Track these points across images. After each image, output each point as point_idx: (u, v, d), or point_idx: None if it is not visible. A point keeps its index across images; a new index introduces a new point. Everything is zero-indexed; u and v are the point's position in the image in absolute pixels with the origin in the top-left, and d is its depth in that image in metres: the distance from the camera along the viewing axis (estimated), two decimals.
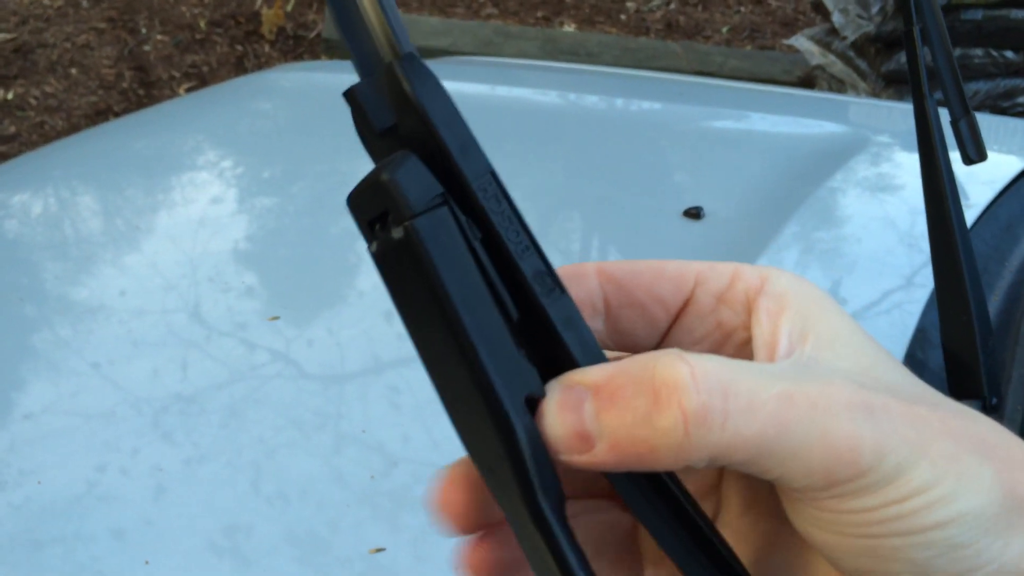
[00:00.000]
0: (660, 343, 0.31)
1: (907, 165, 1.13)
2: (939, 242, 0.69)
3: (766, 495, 0.30)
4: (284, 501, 0.71)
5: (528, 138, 1.23)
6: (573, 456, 0.25)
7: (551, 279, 0.26)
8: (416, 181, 0.24)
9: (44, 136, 3.27)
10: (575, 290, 0.28)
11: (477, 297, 0.24)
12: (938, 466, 0.25)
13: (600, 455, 0.25)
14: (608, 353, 0.28)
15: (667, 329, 0.31)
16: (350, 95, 0.26)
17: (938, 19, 0.68)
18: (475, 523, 0.28)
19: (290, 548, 0.67)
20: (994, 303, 0.88)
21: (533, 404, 0.25)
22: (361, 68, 0.26)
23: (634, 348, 0.31)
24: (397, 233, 0.24)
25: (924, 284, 0.86)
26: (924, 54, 0.71)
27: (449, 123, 0.25)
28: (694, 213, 1.00)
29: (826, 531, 0.27)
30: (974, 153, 0.71)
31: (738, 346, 0.30)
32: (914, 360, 0.76)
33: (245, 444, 0.76)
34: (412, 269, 0.24)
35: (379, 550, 0.67)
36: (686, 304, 0.30)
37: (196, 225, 1.11)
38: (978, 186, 1.03)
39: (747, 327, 0.30)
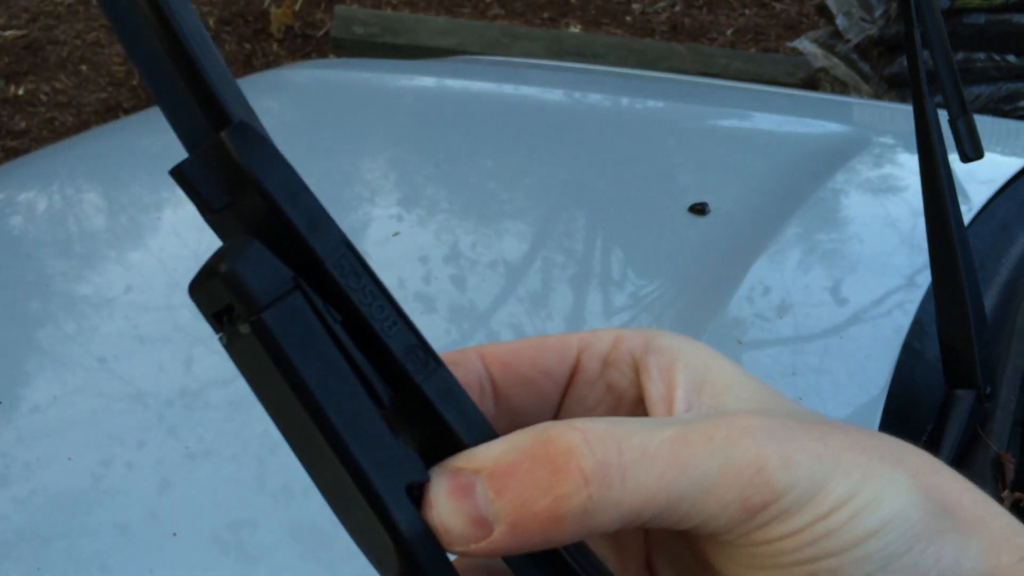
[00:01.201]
0: (554, 417, 0.30)
1: (908, 166, 1.15)
2: (936, 236, 0.71)
3: (696, 558, 0.29)
4: (288, 496, 0.71)
5: (534, 137, 1.25)
6: (469, 545, 0.24)
7: (423, 352, 0.24)
8: (260, 270, 0.22)
9: (54, 132, 3.30)
10: (460, 375, 0.27)
11: (341, 386, 0.23)
12: (852, 476, 0.25)
13: (500, 539, 0.24)
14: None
15: (559, 402, 0.30)
16: (177, 173, 0.23)
17: (938, 22, 0.70)
18: None
19: (294, 543, 0.67)
20: (990, 299, 0.89)
21: (417, 491, 0.24)
22: (187, 143, 0.24)
23: (527, 426, 0.28)
24: (244, 329, 0.22)
25: (924, 284, 0.87)
26: (924, 56, 0.73)
27: (292, 197, 0.23)
28: (699, 209, 1.02)
29: (763, 569, 0.25)
30: (971, 151, 0.74)
31: (631, 406, 0.30)
32: (911, 350, 0.78)
33: (249, 439, 0.75)
34: (266, 363, 0.22)
35: None
36: (573, 373, 0.30)
37: (202, 221, 1.11)
38: (976, 186, 1.05)
39: (637, 385, 0.29)
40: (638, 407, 0.30)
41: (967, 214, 0.98)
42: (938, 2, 0.71)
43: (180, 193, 1.17)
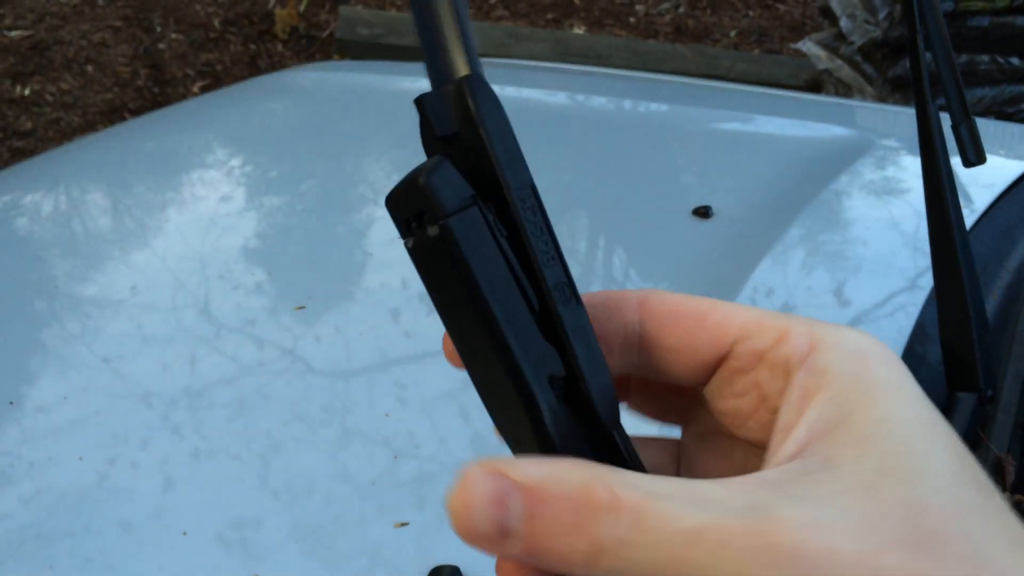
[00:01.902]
0: (702, 385, 0.30)
1: (912, 168, 1.15)
2: (938, 241, 0.71)
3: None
4: (291, 495, 0.71)
5: (538, 138, 1.25)
6: (483, 544, 0.24)
7: (569, 289, 0.28)
8: (449, 184, 0.26)
9: (60, 132, 3.31)
10: (612, 320, 0.29)
11: (504, 288, 0.27)
12: None
13: (511, 550, 0.24)
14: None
15: (706, 378, 0.29)
16: (420, 102, 0.29)
17: (940, 26, 0.71)
18: None
19: (297, 542, 0.67)
20: (993, 302, 0.90)
21: (558, 382, 0.27)
22: (433, 80, 0.29)
23: (669, 382, 0.30)
24: (432, 231, 0.26)
25: (927, 287, 0.88)
26: (927, 60, 0.73)
27: (502, 139, 0.28)
28: (703, 212, 1.03)
29: None
30: (974, 156, 0.74)
31: (772, 413, 0.28)
32: (913, 354, 0.78)
33: (253, 438, 0.76)
34: (446, 263, 0.26)
35: (404, 524, 0.68)
36: (723, 358, 0.29)
37: (207, 223, 1.11)
38: (978, 189, 1.05)
39: (782, 396, 0.27)
40: (776, 416, 0.27)
41: (969, 217, 0.98)
42: (940, 6, 0.71)
43: (185, 194, 1.18)
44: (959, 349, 0.71)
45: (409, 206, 0.27)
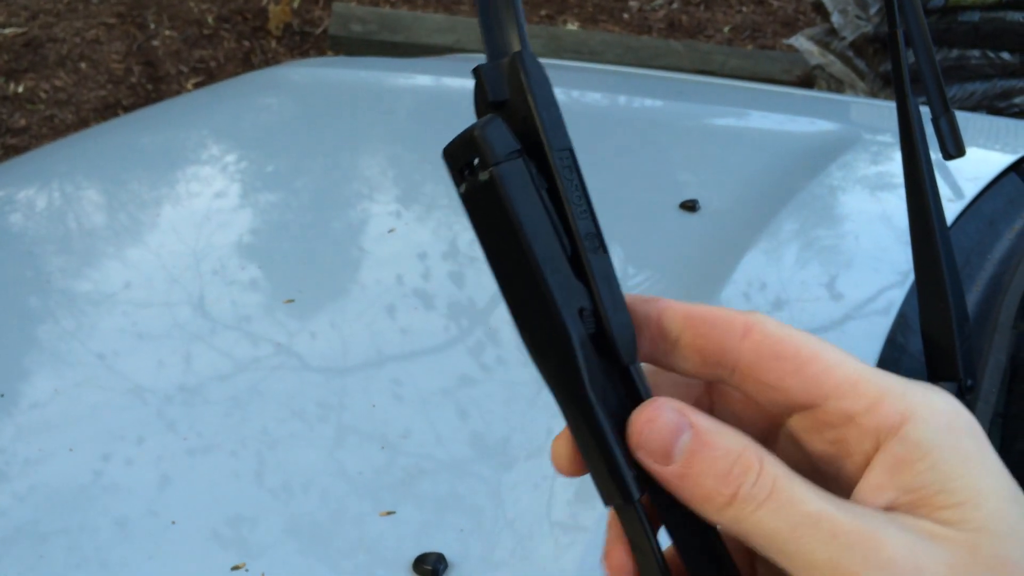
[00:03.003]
0: (784, 415, 0.32)
1: (897, 161, 1.16)
2: (919, 232, 0.72)
3: None
4: (287, 492, 0.71)
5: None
6: (641, 454, 0.30)
7: (598, 240, 0.32)
8: (500, 137, 0.30)
9: (54, 129, 3.30)
10: (712, 339, 0.31)
11: (542, 229, 0.30)
12: None
13: (664, 472, 0.29)
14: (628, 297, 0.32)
15: (789, 414, 0.31)
16: (477, 71, 0.32)
17: (920, 22, 0.72)
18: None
19: (293, 539, 0.67)
20: (976, 293, 0.91)
21: (584, 315, 0.31)
22: (490, 53, 0.32)
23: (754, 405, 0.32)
24: (483, 176, 0.30)
25: (909, 278, 0.88)
26: (907, 55, 0.74)
27: (547, 106, 0.31)
28: (690, 206, 1.04)
29: None
30: (953, 149, 0.75)
31: (853, 466, 0.30)
32: (894, 344, 0.79)
33: (248, 435, 0.76)
34: (493, 204, 0.30)
35: (390, 513, 0.69)
36: (813, 407, 0.30)
37: (201, 219, 1.11)
38: (964, 182, 1.06)
39: (865, 457, 0.29)
40: (854, 474, 0.30)
41: (955, 209, 0.99)
42: (920, 1, 0.72)
43: (179, 190, 1.18)
44: (939, 339, 0.73)
45: (464, 155, 0.30)
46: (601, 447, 0.31)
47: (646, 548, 0.31)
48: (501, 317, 0.91)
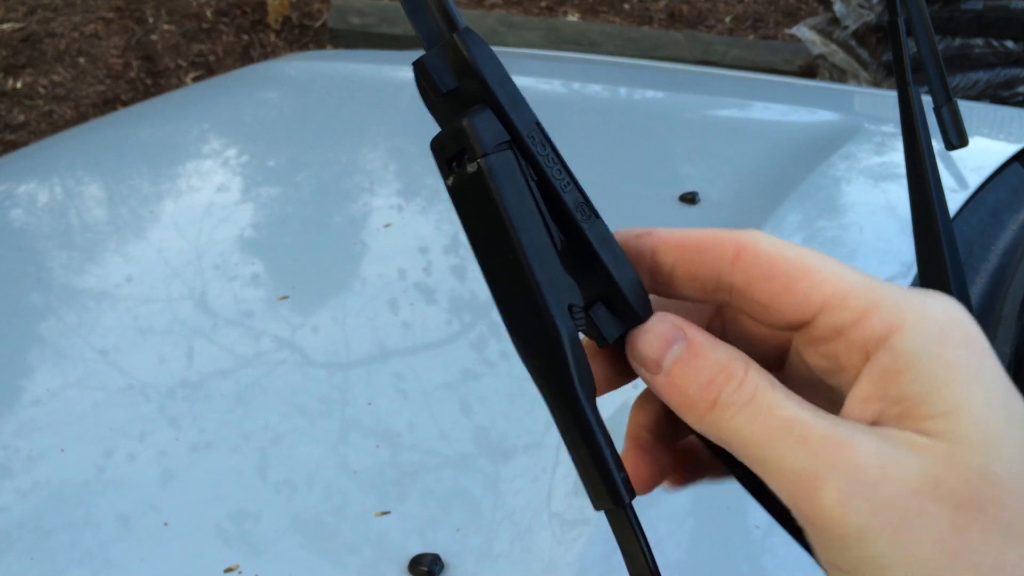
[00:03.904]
0: (777, 350, 0.32)
1: (898, 151, 1.15)
2: (921, 224, 0.72)
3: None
4: (290, 487, 0.71)
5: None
6: (634, 363, 0.31)
7: (588, 208, 0.31)
8: (488, 128, 0.29)
9: (52, 125, 3.30)
10: (706, 264, 0.31)
11: (533, 223, 0.30)
12: None
13: (655, 378, 0.30)
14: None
15: (790, 332, 0.31)
16: (419, 64, 0.31)
17: (922, 10, 0.71)
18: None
19: (296, 534, 0.67)
20: (979, 285, 0.90)
21: (577, 310, 0.31)
22: (426, 42, 0.31)
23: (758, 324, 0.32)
24: (471, 168, 0.29)
25: (912, 270, 0.88)
26: (908, 44, 0.74)
27: (501, 83, 0.30)
28: (689, 198, 1.03)
29: None
30: (955, 139, 0.74)
31: (849, 379, 0.30)
32: None
33: (251, 430, 0.76)
34: (482, 197, 0.29)
35: (385, 513, 0.69)
36: (807, 323, 0.30)
37: (202, 213, 1.11)
38: (968, 172, 1.05)
39: (856, 371, 0.29)
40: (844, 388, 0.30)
41: (958, 200, 0.99)
42: (924, 3, 0.71)
43: (180, 184, 1.18)
44: None
45: (451, 146, 0.30)
46: (591, 449, 0.30)
47: (636, 552, 0.30)
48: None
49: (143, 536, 0.67)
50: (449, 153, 0.30)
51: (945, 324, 0.27)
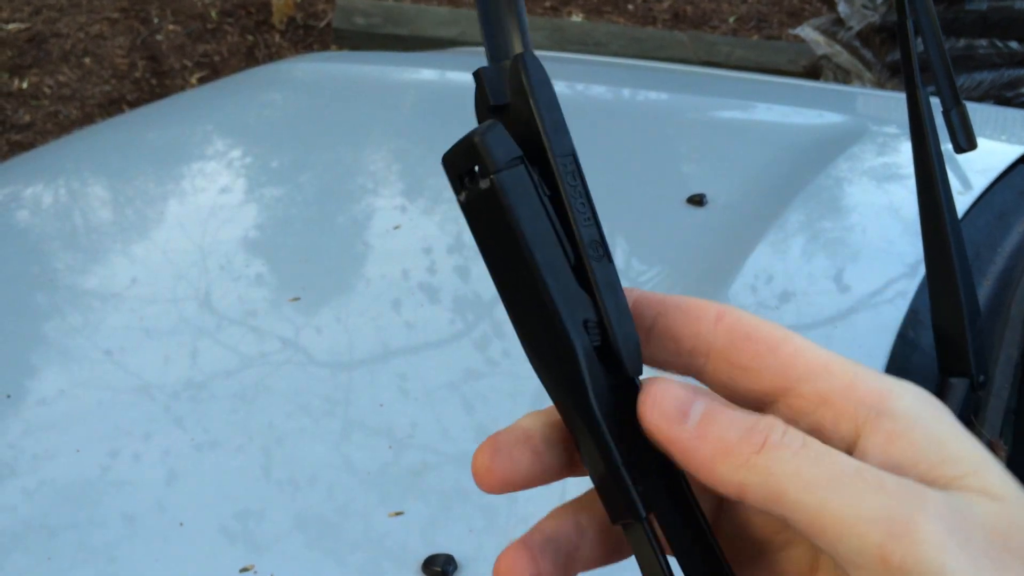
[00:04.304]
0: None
1: (905, 153, 1.15)
2: (930, 227, 0.72)
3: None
4: (294, 486, 0.71)
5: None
6: (654, 415, 0.29)
7: (603, 248, 0.31)
8: (501, 144, 0.29)
9: (58, 125, 3.31)
10: (688, 326, 0.30)
11: (545, 238, 0.29)
12: None
13: (680, 433, 0.29)
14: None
15: (764, 405, 0.30)
16: (478, 74, 0.32)
17: (931, 12, 0.71)
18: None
19: (300, 533, 0.67)
20: (986, 288, 0.90)
21: (589, 326, 0.30)
22: (490, 55, 0.32)
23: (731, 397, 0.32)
24: (484, 184, 0.29)
25: (920, 272, 0.88)
26: (917, 45, 0.74)
27: (550, 111, 0.31)
28: (697, 200, 1.03)
29: None
30: (964, 142, 0.74)
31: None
32: (905, 339, 0.79)
33: (255, 430, 0.76)
34: (494, 213, 0.29)
35: (398, 513, 0.69)
36: (786, 393, 0.30)
37: (207, 214, 1.11)
38: (974, 174, 1.05)
39: (850, 442, 0.28)
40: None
41: (965, 202, 0.99)
42: (933, 6, 0.71)
43: (185, 185, 1.18)
44: (951, 335, 0.72)
45: (464, 162, 0.30)
46: (607, 463, 0.30)
47: (654, 566, 0.30)
48: (504, 311, 0.90)
49: (148, 536, 0.68)
50: (461, 169, 0.30)
51: (925, 394, 0.28)
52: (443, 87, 1.47)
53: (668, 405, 0.29)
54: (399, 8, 3.70)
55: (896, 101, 1.50)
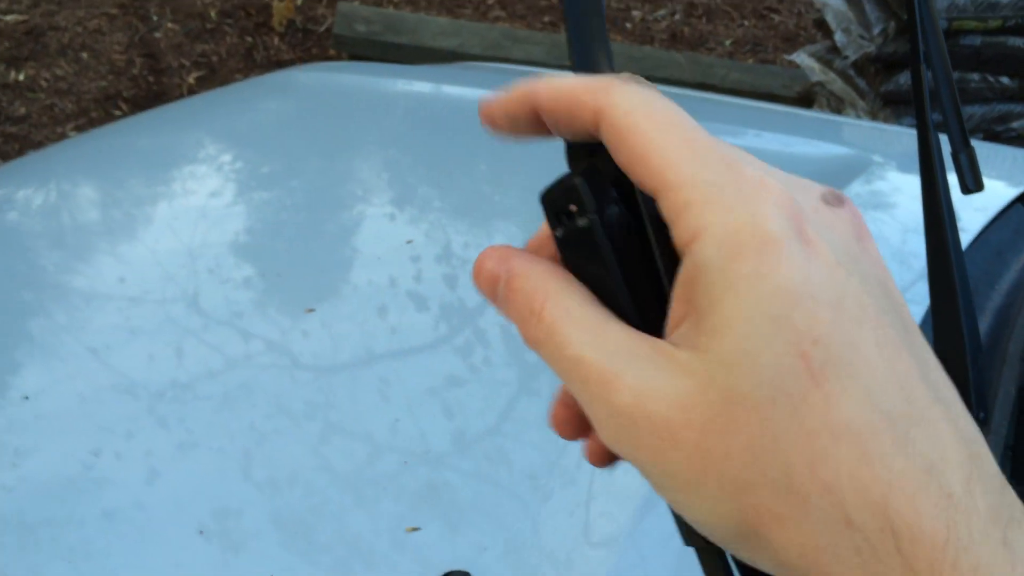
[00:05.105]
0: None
1: (901, 186, 1.17)
2: (936, 265, 0.73)
3: None
4: (272, 487, 0.72)
5: (532, 143, 1.26)
6: (486, 294, 0.31)
7: None
8: (598, 185, 0.31)
9: (54, 118, 3.29)
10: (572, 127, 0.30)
11: (637, 273, 0.30)
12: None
13: (500, 306, 0.30)
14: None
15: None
16: None
17: (943, 55, 0.73)
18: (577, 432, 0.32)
19: (276, 533, 0.68)
20: (984, 324, 0.92)
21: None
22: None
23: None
24: (582, 222, 0.30)
25: (914, 300, 0.90)
26: (928, 79, 0.75)
27: None
28: None
29: None
30: (972, 183, 0.76)
31: None
32: None
33: (237, 431, 0.77)
34: (589, 250, 0.31)
35: (415, 529, 0.70)
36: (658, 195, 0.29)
37: (197, 217, 1.12)
38: (971, 212, 1.07)
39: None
40: None
41: (964, 240, 1.01)
42: (943, 36, 0.73)
43: (176, 189, 1.19)
44: (953, 371, 0.73)
45: (562, 201, 0.31)
46: None
47: None
48: (493, 320, 0.90)
49: (127, 533, 0.68)
50: (559, 206, 0.32)
51: (742, 231, 0.26)
52: (446, 100, 1.48)
53: (484, 291, 0.30)
54: (400, 17, 3.71)
55: (896, 135, 1.52)
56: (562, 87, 0.30)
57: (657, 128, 0.28)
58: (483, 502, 0.71)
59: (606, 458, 0.31)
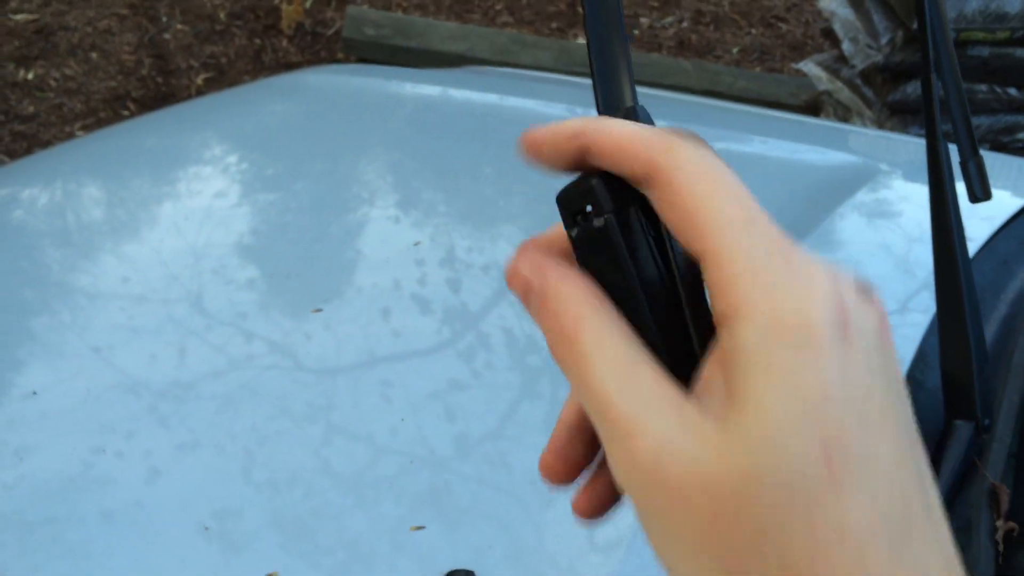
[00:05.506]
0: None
1: (906, 194, 1.17)
2: (943, 274, 0.74)
3: None
4: (273, 488, 0.72)
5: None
6: (513, 287, 0.31)
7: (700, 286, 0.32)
8: (615, 187, 0.31)
9: (62, 118, 3.30)
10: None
11: (650, 274, 0.31)
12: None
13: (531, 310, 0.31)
14: None
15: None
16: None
17: (953, 66, 0.73)
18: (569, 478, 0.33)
19: (276, 534, 0.68)
20: (989, 332, 0.92)
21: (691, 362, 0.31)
22: (604, 106, 0.34)
23: None
24: (598, 223, 0.31)
25: (918, 308, 0.90)
26: (938, 88, 0.75)
27: None
28: None
29: None
30: (980, 192, 0.76)
31: None
32: (913, 380, 0.80)
33: (238, 432, 0.77)
34: (605, 249, 0.31)
35: (420, 528, 0.70)
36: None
37: (203, 218, 1.12)
38: (978, 222, 1.07)
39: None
40: None
41: (970, 249, 1.00)
42: (955, 54, 0.73)
43: (183, 189, 1.19)
44: (959, 378, 0.74)
45: (579, 201, 0.32)
46: None
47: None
48: (494, 323, 0.91)
49: (126, 532, 0.68)
50: (575, 207, 0.32)
51: (787, 321, 0.26)
52: (457, 104, 1.49)
53: (519, 295, 0.31)
54: (409, 21, 3.72)
55: (902, 143, 1.52)
56: (621, 136, 0.30)
57: (715, 194, 0.28)
58: (485, 506, 0.72)
59: (594, 513, 0.32)
